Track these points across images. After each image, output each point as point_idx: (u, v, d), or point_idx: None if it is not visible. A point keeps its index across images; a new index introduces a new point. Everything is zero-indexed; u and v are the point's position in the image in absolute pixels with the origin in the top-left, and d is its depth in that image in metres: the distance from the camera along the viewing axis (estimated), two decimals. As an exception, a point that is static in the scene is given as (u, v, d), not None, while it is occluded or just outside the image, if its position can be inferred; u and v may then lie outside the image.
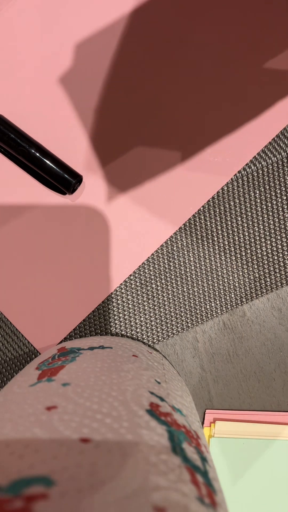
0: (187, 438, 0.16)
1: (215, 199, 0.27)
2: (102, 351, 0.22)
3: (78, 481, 0.11)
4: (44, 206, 0.27)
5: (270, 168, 0.27)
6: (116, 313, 0.27)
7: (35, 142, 0.26)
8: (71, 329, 0.27)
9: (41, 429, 0.14)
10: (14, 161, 0.27)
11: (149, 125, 0.27)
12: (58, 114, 0.27)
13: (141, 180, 0.27)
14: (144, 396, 0.17)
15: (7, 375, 0.27)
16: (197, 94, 0.27)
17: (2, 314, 0.27)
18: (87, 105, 0.27)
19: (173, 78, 0.27)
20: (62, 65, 0.27)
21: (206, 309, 0.27)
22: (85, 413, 0.15)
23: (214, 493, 0.14)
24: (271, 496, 0.25)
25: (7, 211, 0.27)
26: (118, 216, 0.27)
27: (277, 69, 0.27)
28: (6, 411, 0.16)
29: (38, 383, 0.18)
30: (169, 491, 0.12)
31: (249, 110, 0.27)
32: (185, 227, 0.27)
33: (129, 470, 0.12)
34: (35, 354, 0.27)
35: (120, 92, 0.27)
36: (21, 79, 0.27)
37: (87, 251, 0.27)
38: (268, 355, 0.27)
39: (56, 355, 0.22)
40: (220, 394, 0.27)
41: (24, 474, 0.11)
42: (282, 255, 0.27)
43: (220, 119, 0.27)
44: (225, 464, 0.25)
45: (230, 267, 0.27)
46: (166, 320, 0.27)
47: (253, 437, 0.25)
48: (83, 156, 0.27)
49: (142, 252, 0.27)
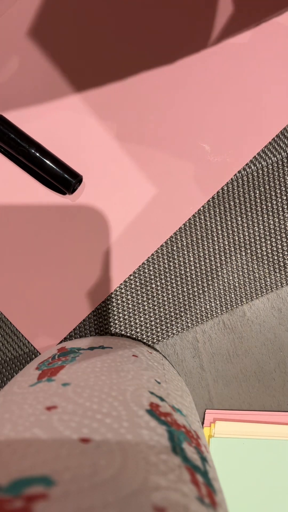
0: (187, 438, 0.16)
1: (215, 199, 0.27)
2: (102, 351, 0.22)
3: (78, 481, 0.11)
4: (44, 206, 0.27)
5: (270, 168, 0.27)
6: (116, 313, 0.27)
7: (35, 142, 0.26)
8: (71, 329, 0.27)
9: (41, 429, 0.14)
10: (14, 161, 0.27)
11: (149, 125, 0.27)
12: (58, 114, 0.27)
13: (141, 180, 0.27)
14: (144, 396, 0.17)
15: (7, 375, 0.27)
16: (197, 93, 0.27)
17: (2, 314, 0.27)
18: (87, 104, 0.27)
19: (174, 78, 0.27)
20: (62, 64, 0.27)
21: (206, 309, 0.27)
22: (85, 413, 0.15)
23: (214, 493, 0.14)
24: (270, 496, 0.25)
25: (7, 211, 0.27)
26: (118, 216, 0.27)
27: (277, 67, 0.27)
28: (6, 411, 0.16)
29: (38, 383, 0.18)
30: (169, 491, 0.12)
31: (249, 110, 0.27)
32: (185, 227, 0.27)
33: (129, 470, 0.12)
34: (35, 354, 0.27)
35: (120, 91, 0.27)
36: (21, 79, 0.27)
37: (87, 251, 0.27)
38: (268, 355, 0.27)
39: (56, 355, 0.22)
40: (220, 394, 0.27)
41: (24, 474, 0.11)
42: (282, 255, 0.27)
43: (220, 119, 0.27)
44: (225, 464, 0.25)
45: (230, 267, 0.27)
46: (166, 320, 0.27)
47: (253, 437, 0.25)
48: (83, 156, 0.27)
49: (142, 252, 0.27)
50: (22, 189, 0.27)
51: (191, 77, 0.27)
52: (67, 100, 0.27)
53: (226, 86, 0.27)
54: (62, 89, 0.27)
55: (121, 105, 0.27)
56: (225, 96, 0.27)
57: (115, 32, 0.27)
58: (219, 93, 0.27)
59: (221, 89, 0.27)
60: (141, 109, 0.27)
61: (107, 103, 0.27)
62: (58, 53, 0.27)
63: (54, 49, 0.27)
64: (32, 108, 0.27)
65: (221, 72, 0.27)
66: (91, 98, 0.27)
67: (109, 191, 0.27)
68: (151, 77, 0.27)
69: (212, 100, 0.27)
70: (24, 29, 0.27)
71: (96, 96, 0.27)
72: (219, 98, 0.27)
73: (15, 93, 0.27)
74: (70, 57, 0.27)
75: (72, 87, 0.27)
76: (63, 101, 0.27)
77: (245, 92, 0.27)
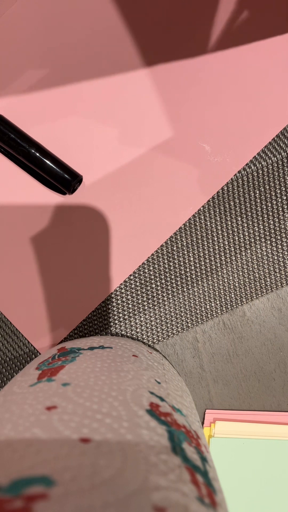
0: (187, 438, 0.16)
1: (215, 199, 0.27)
2: (102, 351, 0.22)
3: (78, 481, 0.11)
4: (44, 206, 0.27)
5: (270, 168, 0.27)
6: (116, 313, 0.27)
7: (35, 142, 0.26)
8: (71, 329, 0.27)
9: (41, 429, 0.14)
10: (14, 161, 0.27)
11: (148, 125, 0.27)
12: (58, 114, 0.27)
13: (141, 180, 0.27)
14: (144, 396, 0.17)
15: (7, 375, 0.27)
16: (197, 93, 0.27)
17: (2, 314, 0.27)
18: (87, 104, 0.27)
19: (173, 78, 0.27)
20: (62, 64, 0.27)
21: (206, 309, 0.27)
22: (85, 413, 0.15)
23: (214, 493, 0.14)
24: (271, 496, 0.25)
25: (7, 211, 0.27)
26: (118, 216, 0.27)
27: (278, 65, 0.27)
28: (6, 411, 0.16)
29: (38, 383, 0.18)
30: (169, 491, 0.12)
31: (249, 110, 0.27)
32: (185, 227, 0.27)
33: (129, 470, 0.12)
34: (35, 354, 0.27)
35: (120, 91, 0.27)
36: (21, 79, 0.27)
37: (87, 251, 0.27)
38: (268, 355, 0.27)
39: (56, 355, 0.22)
40: (220, 394, 0.27)
41: (24, 474, 0.11)
42: (282, 255, 0.27)
43: (220, 119, 0.27)
44: (225, 464, 0.25)
45: (230, 267, 0.27)
46: (166, 320, 0.27)
47: (253, 437, 0.25)
48: (83, 156, 0.27)
49: (142, 252, 0.27)
50: (22, 189, 0.27)
51: (191, 77, 0.27)
52: (67, 100, 0.27)
53: (226, 86, 0.27)
54: (62, 89, 0.27)
55: (121, 105, 0.27)
56: (225, 96, 0.27)
57: (114, 30, 0.27)
58: (219, 93, 0.27)
59: (221, 89, 0.27)
60: (141, 109, 0.27)
61: (107, 103, 0.27)
62: (58, 53, 0.27)
63: (53, 49, 0.27)
64: (32, 108, 0.27)
65: (221, 72, 0.27)
66: (91, 98, 0.27)
67: (109, 191, 0.27)
68: (151, 77, 0.27)
69: (212, 100, 0.27)
70: (24, 29, 0.27)
71: (96, 96, 0.27)
72: (219, 98, 0.27)
73: (15, 93, 0.27)
74: (70, 57, 0.27)
75: (72, 87, 0.27)
76: (63, 101, 0.27)
77: (245, 92, 0.27)
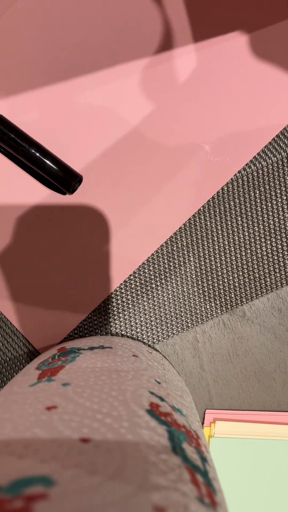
0: (187, 438, 0.16)
1: (215, 199, 0.27)
2: (102, 351, 0.22)
3: (78, 481, 0.11)
4: (44, 206, 0.27)
5: (270, 168, 0.27)
6: (116, 313, 0.27)
7: (35, 142, 0.26)
8: (71, 329, 0.27)
9: (41, 429, 0.14)
10: (14, 161, 0.27)
11: (148, 125, 0.27)
12: (58, 114, 0.27)
13: (141, 180, 0.27)
14: (144, 396, 0.17)
15: (7, 375, 0.27)
16: (197, 93, 0.27)
17: (2, 314, 0.27)
18: (87, 105, 0.27)
19: (173, 78, 0.27)
20: (62, 64, 0.27)
21: (206, 309, 0.27)
22: (85, 413, 0.15)
23: (214, 493, 0.14)
24: (271, 496, 0.25)
25: (7, 211, 0.27)
26: (118, 216, 0.27)
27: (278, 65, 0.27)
28: (6, 411, 0.16)
29: (38, 383, 0.18)
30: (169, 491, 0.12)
31: (249, 110, 0.27)
32: (185, 227, 0.27)
33: (129, 470, 0.12)
34: (35, 354, 0.27)
35: (120, 91, 0.27)
36: (21, 79, 0.27)
37: (87, 251, 0.27)
38: (268, 355, 0.27)
39: (56, 355, 0.22)
40: (220, 394, 0.27)
41: (24, 474, 0.11)
42: (282, 255, 0.27)
43: (220, 119, 0.27)
44: (225, 464, 0.25)
45: (230, 267, 0.27)
46: (166, 320, 0.27)
47: (253, 437, 0.25)
48: (83, 156, 0.27)
49: (142, 252, 0.27)
50: (22, 189, 0.27)
51: (191, 77, 0.27)
52: (67, 100, 0.27)
53: (226, 86, 0.27)
54: (62, 89, 0.27)
55: (121, 105, 0.27)
56: (225, 96, 0.27)
57: (114, 29, 0.27)
58: (219, 93, 0.27)
59: (221, 89, 0.27)
60: (141, 109, 0.27)
61: (107, 103, 0.27)
62: (58, 53, 0.27)
63: (54, 49, 0.27)
64: (32, 108, 0.27)
65: (221, 72, 0.27)
66: (90, 98, 0.27)
67: (109, 191, 0.27)
68: (151, 77, 0.27)
69: (212, 100, 0.27)
70: (24, 29, 0.27)
71: (95, 96, 0.27)
72: (219, 98, 0.27)
73: (15, 93, 0.27)
74: (70, 56, 0.27)
75: (72, 87, 0.27)
76: (63, 101, 0.27)
77: (245, 92, 0.27)
